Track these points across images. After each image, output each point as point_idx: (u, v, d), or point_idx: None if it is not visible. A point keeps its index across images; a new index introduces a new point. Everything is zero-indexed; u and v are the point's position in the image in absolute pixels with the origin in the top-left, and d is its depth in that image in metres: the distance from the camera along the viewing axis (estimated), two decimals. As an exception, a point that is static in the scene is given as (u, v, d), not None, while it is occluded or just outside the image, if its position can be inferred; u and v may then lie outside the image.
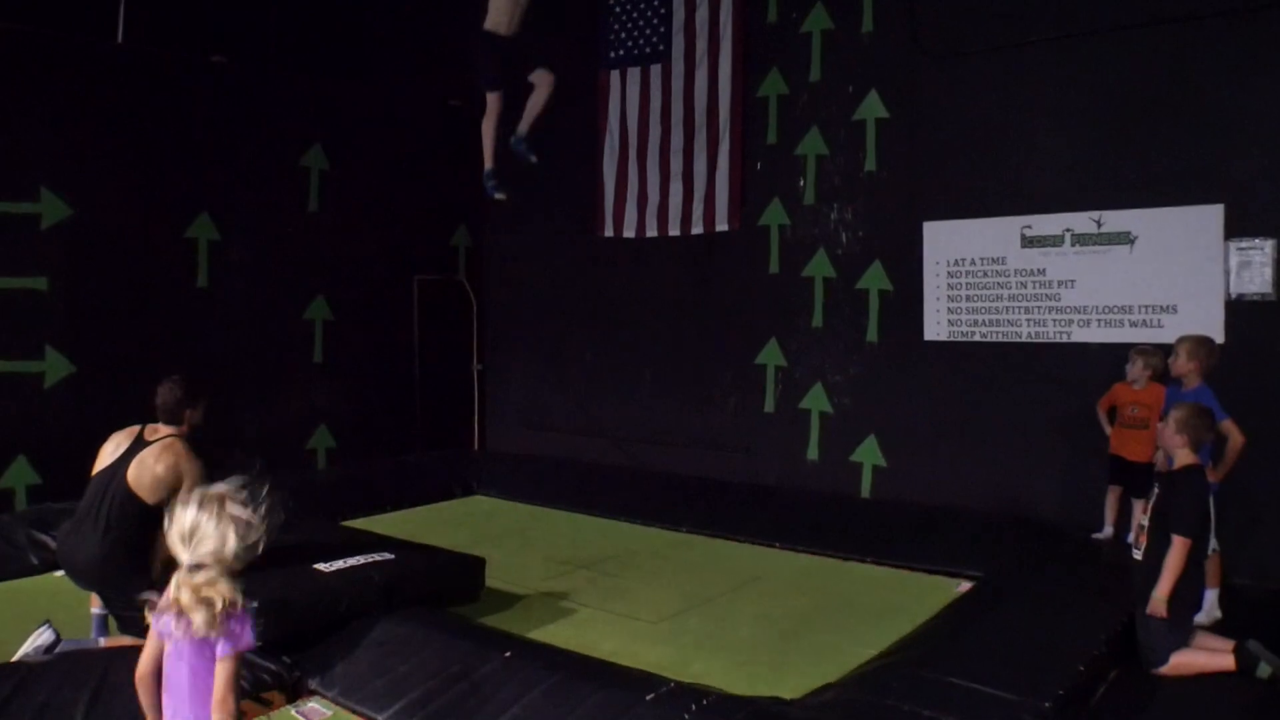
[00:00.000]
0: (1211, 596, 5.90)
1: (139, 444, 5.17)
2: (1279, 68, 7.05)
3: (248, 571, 3.35)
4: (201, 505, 3.27)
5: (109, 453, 5.24)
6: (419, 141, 11.46)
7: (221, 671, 3.22)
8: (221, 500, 3.29)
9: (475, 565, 6.28)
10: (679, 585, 6.96)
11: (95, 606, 5.37)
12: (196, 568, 3.21)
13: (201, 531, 3.23)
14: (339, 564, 5.73)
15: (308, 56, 10.38)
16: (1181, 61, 7.42)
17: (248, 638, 3.28)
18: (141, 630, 5.02)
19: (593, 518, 9.05)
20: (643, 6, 10.63)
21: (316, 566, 5.66)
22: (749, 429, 9.94)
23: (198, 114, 9.53)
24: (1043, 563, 6.74)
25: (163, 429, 5.28)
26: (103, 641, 5.22)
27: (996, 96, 8.31)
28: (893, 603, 6.48)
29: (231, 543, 3.23)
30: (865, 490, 9.07)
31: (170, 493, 5.02)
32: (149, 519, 5.00)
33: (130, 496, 5.04)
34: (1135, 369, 7.01)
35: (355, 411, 10.92)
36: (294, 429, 10.42)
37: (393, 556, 6.01)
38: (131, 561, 5.01)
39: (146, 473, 5.07)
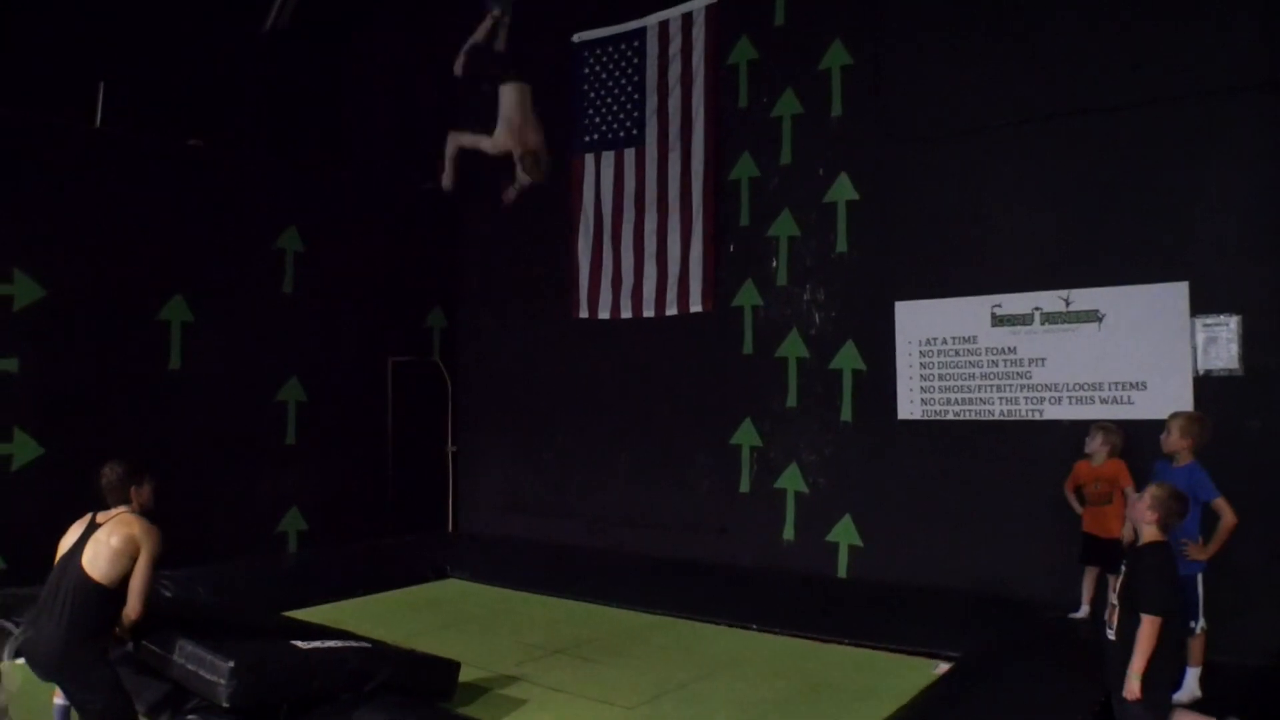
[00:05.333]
0: (1193, 675, 5.86)
1: (92, 528, 5.15)
2: (1237, 149, 7.24)
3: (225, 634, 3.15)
4: None
5: (65, 545, 5.19)
6: (393, 223, 11.53)
7: None
8: None
9: (450, 667, 6.16)
10: (654, 669, 6.86)
11: (58, 697, 5.26)
12: None
13: None
14: (316, 643, 5.67)
15: (283, 139, 10.48)
16: (1144, 143, 7.60)
17: None
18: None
19: (567, 601, 8.95)
20: (616, 92, 10.82)
21: (294, 643, 5.61)
22: (724, 510, 9.88)
23: (173, 196, 9.56)
24: (1020, 643, 6.69)
25: (113, 510, 5.24)
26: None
27: (964, 178, 8.47)
28: (871, 685, 6.41)
29: None
30: (842, 570, 9.00)
31: (127, 565, 4.98)
32: (106, 602, 4.98)
33: (85, 581, 4.97)
34: (1094, 444, 7.07)
35: (328, 493, 10.79)
36: (265, 511, 10.28)
37: (369, 644, 5.92)
38: (90, 650, 4.92)
39: (101, 550, 5.01)
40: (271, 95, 10.33)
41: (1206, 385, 7.26)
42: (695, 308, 10.14)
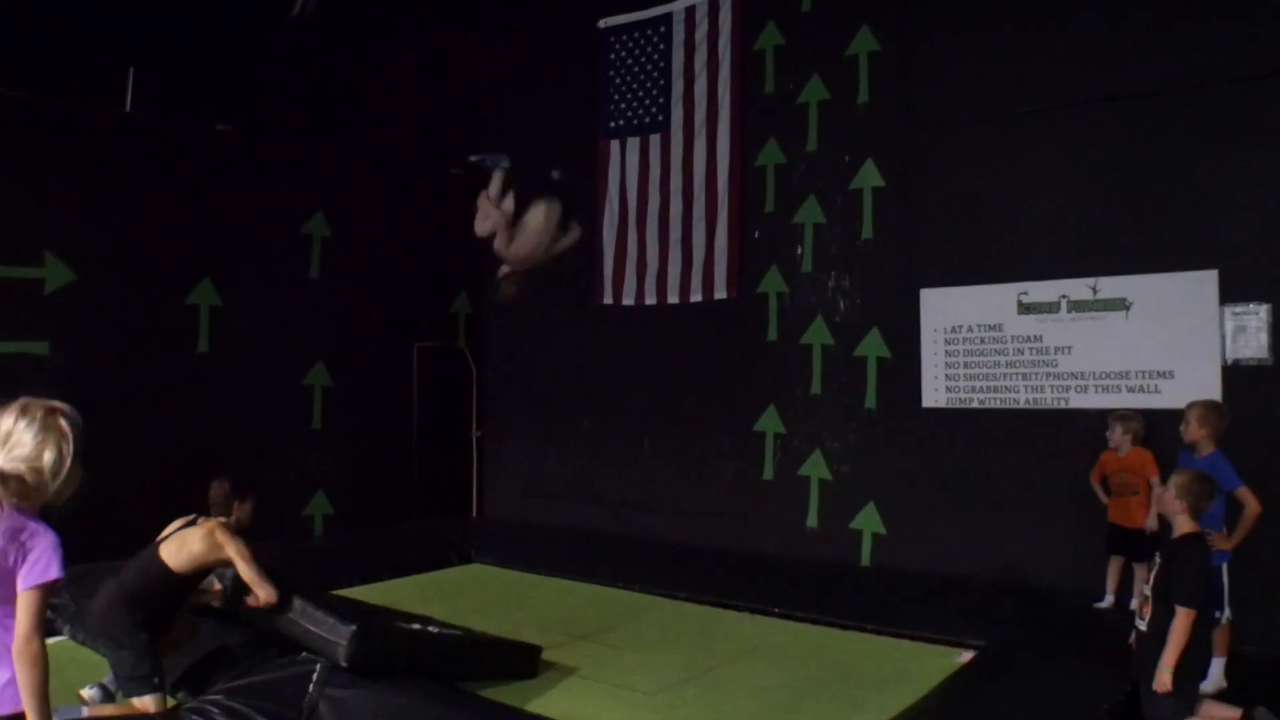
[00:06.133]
0: (1218, 666, 5.83)
1: (189, 525, 5.35)
2: (1268, 135, 7.16)
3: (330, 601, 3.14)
4: (25, 411, 3.00)
5: (163, 534, 5.39)
6: (420, 209, 11.56)
7: (25, 605, 2.84)
8: (51, 411, 3.02)
9: (532, 651, 6.35)
10: (677, 655, 6.87)
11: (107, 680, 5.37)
12: (3, 476, 2.91)
13: (18, 437, 2.97)
14: (415, 625, 5.99)
15: (311, 125, 10.54)
16: (1173, 130, 7.54)
17: (55, 568, 2.92)
18: (129, 684, 5.06)
19: (590, 585, 8.98)
20: (642, 78, 10.81)
21: (397, 622, 5.99)
22: (748, 496, 9.89)
23: (202, 181, 9.64)
24: (1044, 632, 6.68)
25: (213, 518, 5.47)
26: (85, 711, 5.18)
27: (991, 165, 8.42)
28: (894, 673, 6.39)
29: (49, 456, 2.97)
30: (865, 558, 9.00)
31: (199, 565, 5.18)
32: (164, 581, 5.15)
33: (157, 559, 5.19)
34: (1115, 435, 7.05)
35: (353, 478, 10.88)
36: (292, 495, 10.37)
37: (458, 630, 6.22)
38: (134, 616, 5.05)
39: (181, 543, 5.23)
40: (299, 81, 10.37)
41: (1235, 374, 7.21)
42: (720, 294, 10.14)
